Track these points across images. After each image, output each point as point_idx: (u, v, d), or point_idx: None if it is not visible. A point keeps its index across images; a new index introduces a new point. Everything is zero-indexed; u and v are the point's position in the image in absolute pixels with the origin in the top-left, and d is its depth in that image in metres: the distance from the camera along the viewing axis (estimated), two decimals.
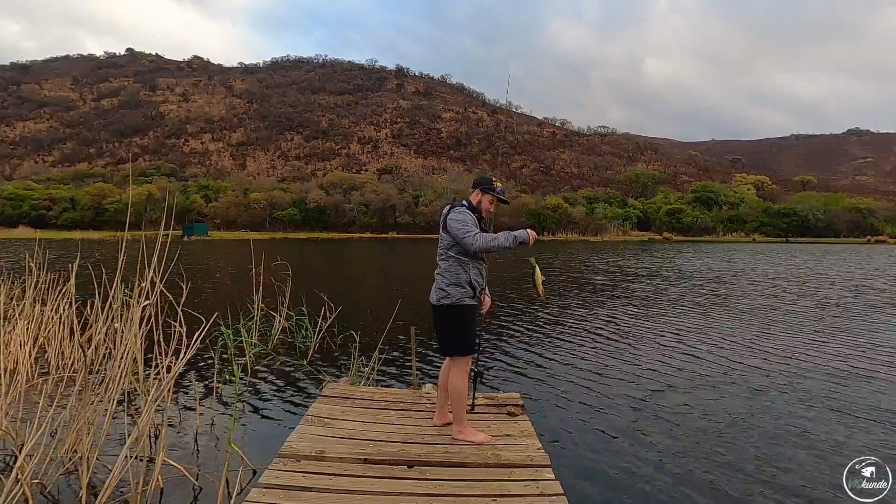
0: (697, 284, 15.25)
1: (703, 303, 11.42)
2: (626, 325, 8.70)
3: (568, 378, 5.55)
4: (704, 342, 7.39)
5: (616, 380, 5.50)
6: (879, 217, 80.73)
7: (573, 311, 10.16)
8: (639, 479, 3.32)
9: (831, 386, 5.32)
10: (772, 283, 15.99)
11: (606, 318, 9.37)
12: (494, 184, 3.36)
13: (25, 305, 4.94)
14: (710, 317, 9.61)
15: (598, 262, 25.38)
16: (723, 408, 4.66)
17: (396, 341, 6.71)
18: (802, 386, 5.32)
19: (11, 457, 3.31)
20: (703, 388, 5.23)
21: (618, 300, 11.77)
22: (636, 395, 4.98)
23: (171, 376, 3.27)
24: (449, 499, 2.54)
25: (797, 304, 11.25)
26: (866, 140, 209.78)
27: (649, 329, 8.33)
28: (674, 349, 6.93)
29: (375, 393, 4.19)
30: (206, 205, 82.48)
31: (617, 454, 3.69)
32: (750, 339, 7.65)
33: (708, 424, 4.27)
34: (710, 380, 5.53)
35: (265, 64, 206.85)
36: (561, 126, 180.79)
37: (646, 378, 5.56)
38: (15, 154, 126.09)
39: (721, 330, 8.32)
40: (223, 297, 10.68)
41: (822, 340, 7.55)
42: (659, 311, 10.16)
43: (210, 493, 2.99)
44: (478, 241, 3.13)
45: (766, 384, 5.37)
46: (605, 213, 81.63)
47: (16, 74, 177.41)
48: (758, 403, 4.78)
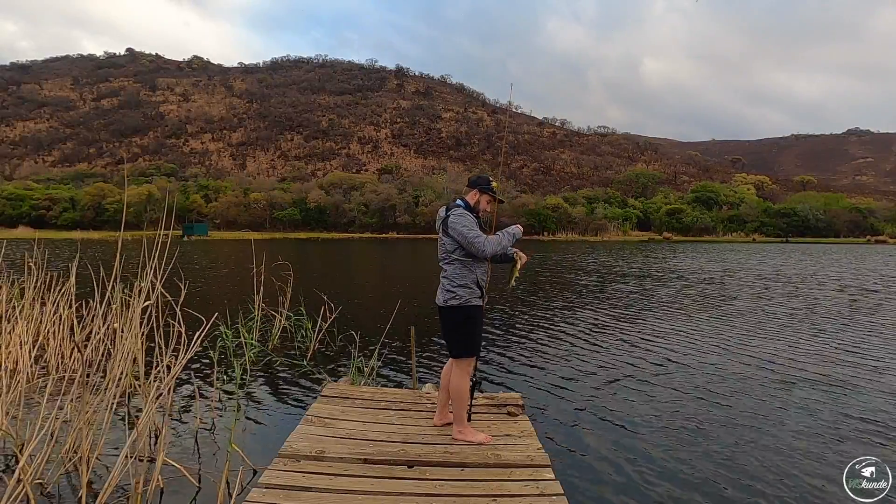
0: (697, 285, 15.26)
1: (704, 303, 11.42)
2: (626, 325, 8.70)
3: (568, 378, 5.55)
4: (704, 343, 7.39)
5: (616, 379, 5.51)
6: (879, 217, 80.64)
7: (573, 311, 10.16)
8: (639, 479, 3.32)
9: (830, 386, 5.32)
10: (768, 283, 15.99)
11: (607, 318, 9.37)
12: (491, 183, 3.34)
13: (25, 305, 4.94)
14: (710, 318, 9.61)
15: (598, 262, 25.38)
16: (722, 408, 4.66)
17: (396, 341, 6.72)
18: (802, 386, 5.32)
19: (12, 457, 3.31)
20: (702, 389, 5.23)
21: (618, 301, 11.77)
22: (636, 395, 4.98)
23: (171, 376, 3.28)
24: (449, 499, 2.55)
25: (799, 306, 11.25)
26: (866, 140, 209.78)
27: (649, 329, 8.33)
28: (674, 349, 6.94)
29: (375, 393, 4.19)
30: (206, 205, 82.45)
31: (617, 454, 3.70)
32: (749, 339, 7.66)
33: (707, 425, 4.27)
34: (709, 381, 5.53)
35: (265, 64, 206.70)
36: (561, 126, 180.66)
37: (646, 378, 5.56)
38: (15, 154, 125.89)
39: (722, 331, 8.32)
40: (223, 297, 10.68)
41: (822, 340, 7.55)
42: (659, 312, 10.16)
43: (210, 493, 2.99)
44: (488, 248, 3.13)
45: (765, 384, 5.38)
46: (605, 213, 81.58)
47: (16, 74, 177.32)
48: (757, 404, 4.78)
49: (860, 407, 4.70)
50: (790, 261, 27.72)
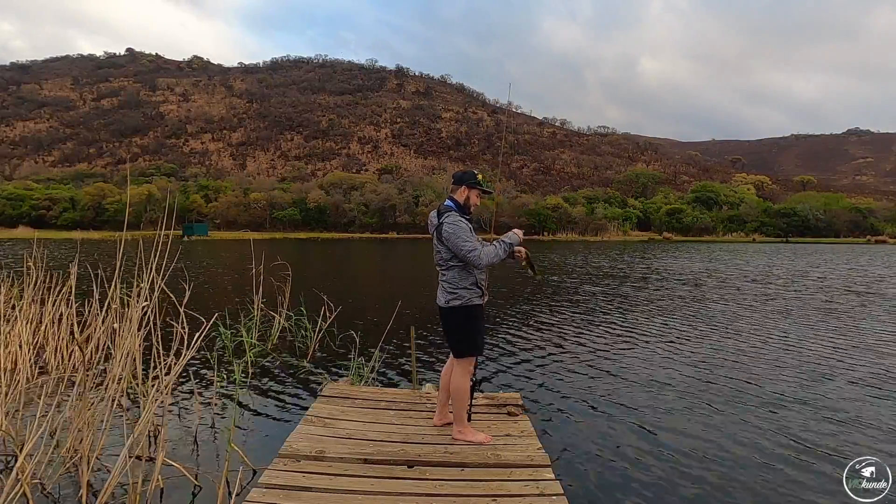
0: (698, 286, 15.26)
1: (704, 304, 11.42)
2: (627, 326, 8.70)
3: (568, 378, 5.55)
4: (704, 344, 7.39)
5: (616, 379, 5.50)
6: (879, 217, 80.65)
7: (574, 311, 10.15)
8: (639, 479, 3.32)
9: (831, 386, 5.32)
10: (774, 283, 15.99)
11: (607, 318, 9.36)
12: (476, 176, 3.33)
13: (25, 305, 4.94)
14: (711, 318, 9.60)
15: (598, 263, 25.38)
16: (723, 408, 4.65)
17: (396, 341, 6.71)
18: (805, 385, 5.32)
19: (12, 457, 3.31)
20: (702, 390, 5.22)
21: (619, 301, 11.77)
22: (636, 395, 4.98)
23: (172, 376, 3.27)
24: (449, 499, 2.55)
25: (818, 306, 11.25)
26: (866, 140, 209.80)
27: (650, 330, 8.33)
28: (674, 350, 6.94)
29: (375, 393, 4.19)
30: (206, 205, 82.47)
31: (617, 454, 3.69)
32: (751, 339, 7.66)
33: (707, 425, 4.27)
34: (709, 381, 5.53)
35: (265, 64, 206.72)
36: (561, 126, 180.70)
37: (646, 378, 5.56)
38: (15, 154, 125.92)
39: (724, 331, 8.32)
40: (223, 298, 10.69)
41: (822, 341, 7.55)
42: (661, 313, 10.15)
43: (210, 493, 2.98)
44: (483, 261, 3.14)
45: (764, 385, 5.37)
46: (605, 213, 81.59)
47: (16, 74, 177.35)
48: (758, 404, 4.77)
49: (861, 407, 4.70)
50: (785, 260, 27.72)
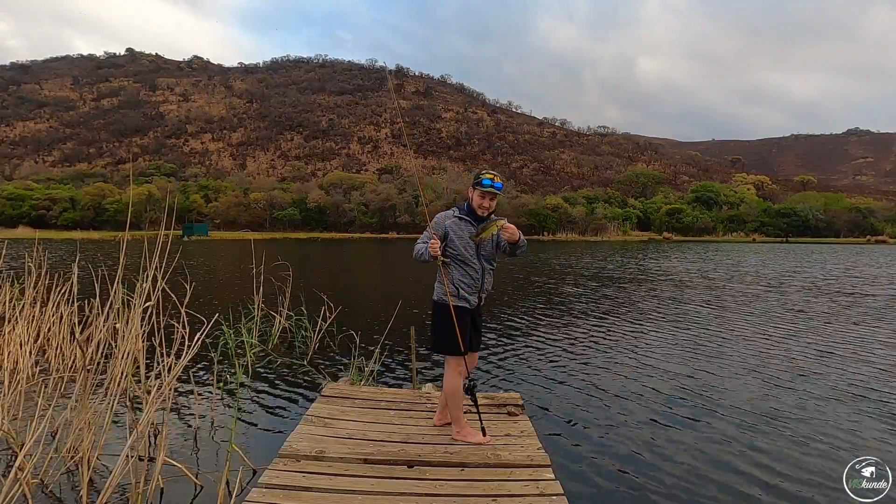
0: (700, 287, 15.26)
1: (705, 304, 11.42)
2: (627, 326, 8.70)
3: (568, 378, 5.55)
4: (704, 344, 7.39)
5: (616, 380, 5.50)
6: (879, 217, 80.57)
7: (574, 311, 10.15)
8: (639, 479, 3.32)
9: (831, 385, 5.33)
10: (785, 284, 16.00)
11: (607, 319, 9.37)
12: (480, 176, 3.20)
13: (25, 305, 4.94)
14: (712, 319, 9.61)
15: (598, 264, 25.38)
16: (723, 409, 4.66)
17: (396, 341, 6.71)
18: (803, 385, 5.32)
19: (12, 456, 3.31)
20: (702, 390, 5.23)
21: (619, 302, 11.77)
22: (636, 395, 4.98)
23: (172, 376, 3.28)
24: (449, 499, 2.55)
25: (822, 308, 11.25)
26: (866, 140, 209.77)
27: (651, 330, 8.33)
28: (676, 350, 6.94)
29: (375, 393, 4.19)
30: (206, 205, 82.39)
31: (617, 454, 3.70)
32: (752, 340, 7.66)
33: (707, 425, 4.27)
34: (709, 381, 5.53)
35: (265, 64, 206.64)
36: (561, 126, 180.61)
37: (646, 378, 5.56)
38: (15, 154, 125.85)
39: (726, 332, 8.32)
40: (223, 298, 10.69)
41: (822, 341, 7.55)
42: (662, 313, 10.16)
43: (210, 492, 2.99)
44: (414, 252, 3.17)
45: (764, 385, 5.38)
46: (605, 213, 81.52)
47: (16, 74, 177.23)
48: (758, 404, 4.78)
49: (860, 407, 4.70)
50: (779, 260, 27.72)
